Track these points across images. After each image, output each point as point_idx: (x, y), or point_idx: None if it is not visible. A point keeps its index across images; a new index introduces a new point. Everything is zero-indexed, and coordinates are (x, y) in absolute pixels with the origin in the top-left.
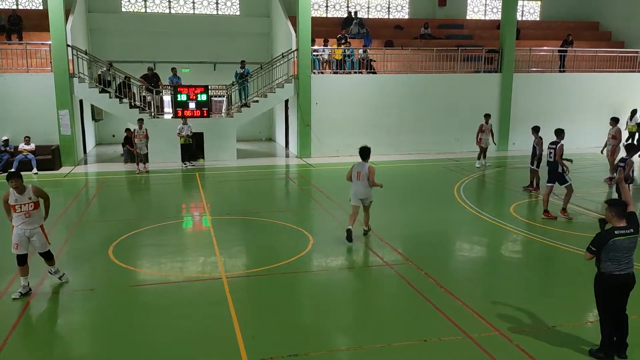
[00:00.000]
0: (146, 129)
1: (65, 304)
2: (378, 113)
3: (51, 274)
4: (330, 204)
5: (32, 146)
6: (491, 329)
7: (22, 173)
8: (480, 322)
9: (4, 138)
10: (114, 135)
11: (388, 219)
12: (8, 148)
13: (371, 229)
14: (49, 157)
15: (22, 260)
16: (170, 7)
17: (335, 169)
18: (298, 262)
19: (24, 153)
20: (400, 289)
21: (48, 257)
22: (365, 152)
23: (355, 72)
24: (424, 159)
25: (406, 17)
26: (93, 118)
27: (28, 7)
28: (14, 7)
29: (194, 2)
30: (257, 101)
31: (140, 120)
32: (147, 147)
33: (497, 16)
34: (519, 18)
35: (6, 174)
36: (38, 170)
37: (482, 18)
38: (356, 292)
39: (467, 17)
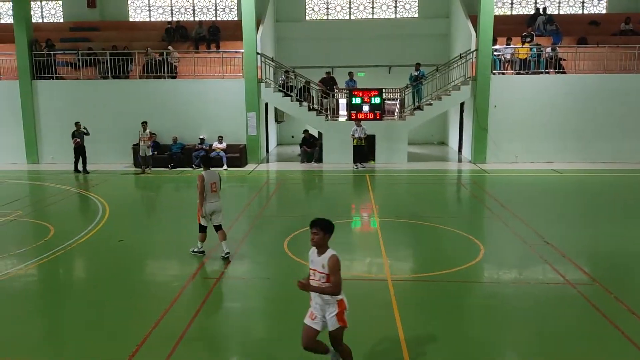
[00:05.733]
0: (150, 132)
1: (244, 289)
2: (566, 117)
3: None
4: (506, 213)
5: (224, 145)
6: None
7: (214, 169)
8: None
9: (201, 136)
10: (292, 136)
11: (573, 234)
12: (204, 146)
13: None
14: (237, 155)
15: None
16: (350, 13)
17: (512, 176)
18: (467, 271)
19: (217, 150)
20: (582, 311)
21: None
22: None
23: (541, 72)
24: (622, 169)
25: (603, 11)
26: (276, 120)
27: (226, 19)
28: (214, 19)
29: (372, 7)
30: (430, 104)
31: (144, 124)
32: (150, 149)
33: None
34: None
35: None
36: (227, 166)
37: None
38: (530, 309)
39: None
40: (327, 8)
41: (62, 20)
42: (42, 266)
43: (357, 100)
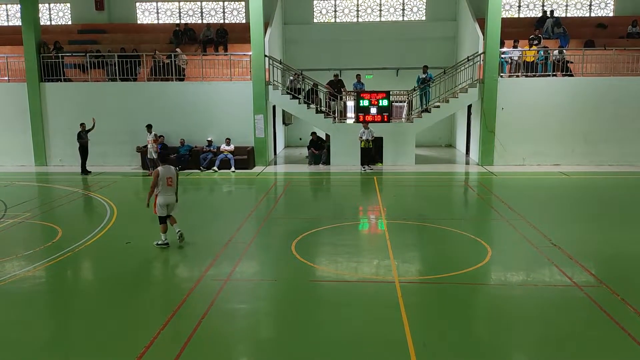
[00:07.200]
0: (155, 134)
1: (252, 291)
2: (573, 119)
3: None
4: (513, 215)
5: (231, 147)
6: None
7: (222, 171)
8: None
9: (209, 139)
10: (300, 139)
11: (580, 236)
12: (212, 148)
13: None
14: (245, 157)
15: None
16: (358, 16)
17: (519, 179)
18: (475, 273)
19: (225, 153)
20: (589, 313)
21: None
22: None
23: (548, 75)
24: (628, 172)
25: (610, 14)
26: (283, 122)
27: (234, 21)
28: (222, 21)
29: (380, 10)
30: (438, 106)
31: (149, 126)
32: (155, 152)
33: None
34: None
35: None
36: (235, 169)
37: None
38: (537, 312)
39: None
40: (335, 11)
41: (70, 22)
42: (50, 268)
43: (365, 103)
